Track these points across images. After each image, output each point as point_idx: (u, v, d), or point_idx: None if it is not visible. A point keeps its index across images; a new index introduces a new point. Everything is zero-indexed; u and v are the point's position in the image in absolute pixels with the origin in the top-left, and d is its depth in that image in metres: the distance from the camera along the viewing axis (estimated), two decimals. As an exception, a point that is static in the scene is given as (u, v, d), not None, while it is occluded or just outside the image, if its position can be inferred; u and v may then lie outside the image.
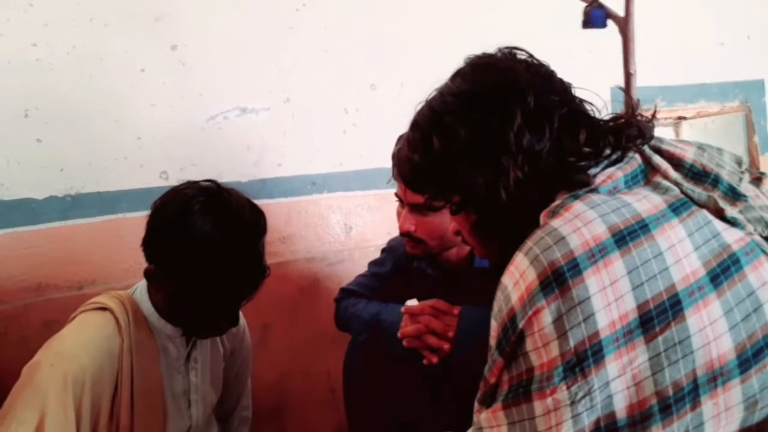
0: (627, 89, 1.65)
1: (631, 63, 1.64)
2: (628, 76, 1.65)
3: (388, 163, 1.50)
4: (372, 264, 1.60)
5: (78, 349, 1.08)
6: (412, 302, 1.30)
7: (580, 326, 0.66)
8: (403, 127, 1.51)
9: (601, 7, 1.59)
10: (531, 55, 0.88)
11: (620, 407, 0.67)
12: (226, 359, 1.38)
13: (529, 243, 0.72)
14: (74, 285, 1.64)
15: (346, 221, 1.96)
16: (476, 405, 0.77)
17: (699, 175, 0.79)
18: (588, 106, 0.86)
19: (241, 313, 1.37)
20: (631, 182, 0.78)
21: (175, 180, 1.74)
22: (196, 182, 1.18)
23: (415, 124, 0.90)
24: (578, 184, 0.77)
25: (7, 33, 1.58)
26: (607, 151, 0.80)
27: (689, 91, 2.44)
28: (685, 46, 2.36)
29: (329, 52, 1.91)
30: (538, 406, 0.67)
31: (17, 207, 1.59)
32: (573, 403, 0.66)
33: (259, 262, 1.14)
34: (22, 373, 1.08)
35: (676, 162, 0.80)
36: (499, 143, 0.79)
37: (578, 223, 0.70)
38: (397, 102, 1.96)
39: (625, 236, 0.69)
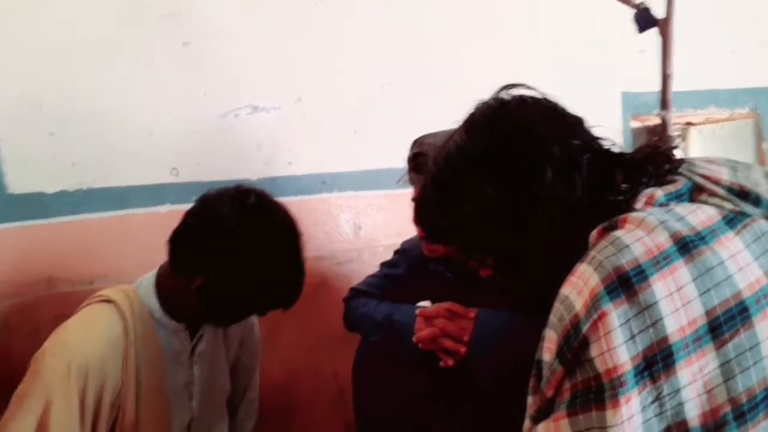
0: (664, 90, 1.67)
1: (668, 64, 1.65)
2: (666, 77, 1.66)
3: (399, 163, 1.50)
4: (384, 265, 1.60)
5: (82, 339, 1.11)
6: (425, 304, 1.30)
7: (647, 331, 0.65)
8: (413, 127, 1.53)
9: (648, 9, 1.63)
10: (542, 94, 0.86)
11: (692, 416, 0.67)
12: (233, 350, 1.39)
13: (592, 253, 0.71)
14: (85, 279, 1.64)
15: (356, 221, 1.96)
16: (527, 423, 0.74)
17: (739, 196, 0.78)
18: (605, 142, 0.85)
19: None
20: (674, 200, 0.77)
21: (185, 177, 1.75)
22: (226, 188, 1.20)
23: (437, 182, 0.87)
24: (622, 212, 0.76)
25: (24, 26, 1.58)
26: (645, 180, 0.80)
27: (699, 97, 2.43)
28: (697, 52, 2.35)
29: (340, 52, 1.91)
30: (612, 415, 0.65)
31: (28, 201, 1.59)
32: (643, 408, 0.66)
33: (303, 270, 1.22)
34: (30, 363, 1.10)
35: (713, 184, 0.79)
36: (533, 199, 0.79)
37: (640, 232, 0.70)
38: (408, 102, 1.97)
39: (688, 244, 0.69)
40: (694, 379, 0.66)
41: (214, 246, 1.12)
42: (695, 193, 0.79)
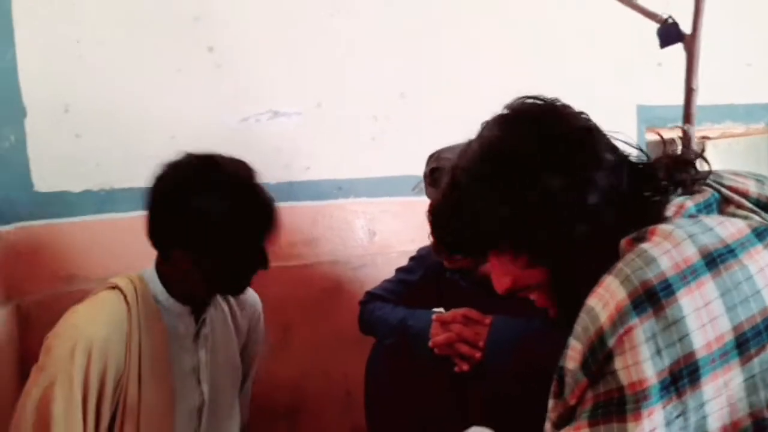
0: (688, 104, 1.65)
1: (693, 79, 1.64)
2: (690, 91, 1.65)
3: (414, 171, 1.53)
4: (400, 270, 1.62)
5: (87, 321, 1.16)
6: (439, 311, 1.32)
7: (675, 345, 0.65)
8: (430, 136, 1.55)
9: (676, 24, 1.60)
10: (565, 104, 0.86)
11: (714, 428, 0.67)
12: (243, 336, 1.43)
13: (619, 265, 0.71)
14: (103, 277, 1.65)
15: (370, 227, 1.98)
16: (549, 427, 0.75)
17: (765, 209, 0.78)
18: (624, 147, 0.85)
19: (256, 295, 1.45)
20: (704, 211, 0.77)
21: (205, 179, 1.78)
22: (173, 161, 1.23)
23: (476, 178, 0.80)
24: (654, 218, 0.76)
25: (53, 28, 1.62)
26: (672, 186, 0.79)
27: (715, 111, 2.43)
28: (714, 67, 2.36)
29: (361, 60, 1.94)
30: (633, 428, 0.66)
31: (54, 199, 1.63)
32: (668, 423, 0.66)
33: (267, 195, 1.21)
34: (44, 342, 1.17)
35: (741, 196, 0.79)
36: (592, 191, 0.77)
37: (668, 245, 0.70)
38: (426, 111, 1.99)
39: (715, 258, 0.68)
40: (718, 393, 0.66)
41: (179, 223, 1.16)
42: (723, 205, 0.78)
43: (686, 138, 1.66)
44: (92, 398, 1.13)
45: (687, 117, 1.66)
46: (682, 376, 0.65)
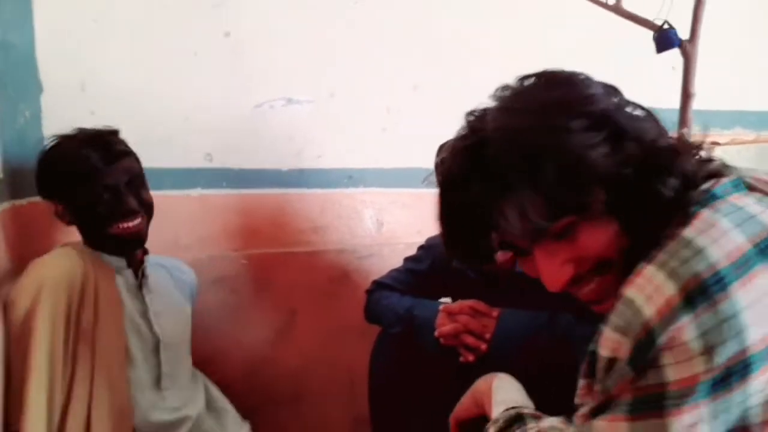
0: (684, 110, 1.66)
1: (691, 84, 1.65)
2: (687, 96, 1.66)
3: (424, 164, 1.53)
4: (408, 260, 1.63)
5: (45, 268, 1.32)
6: (446, 301, 1.33)
7: (728, 342, 0.62)
8: (440, 128, 1.54)
9: (669, 30, 1.61)
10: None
11: (755, 422, 0.66)
12: (185, 297, 1.59)
13: (661, 255, 0.67)
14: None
15: (378, 217, 1.99)
16: (587, 412, 0.72)
17: None
18: None
19: (192, 271, 1.65)
20: (735, 190, 0.73)
21: (218, 163, 1.80)
22: None
23: (560, 125, 0.72)
24: (708, 175, 0.74)
25: (72, 6, 1.63)
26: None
27: (726, 117, 2.43)
28: (726, 72, 2.36)
29: (375, 52, 1.95)
30: (674, 423, 0.64)
31: (66, 176, 1.64)
32: (715, 417, 0.64)
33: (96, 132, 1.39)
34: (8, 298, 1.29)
35: (762, 185, 0.76)
36: (669, 140, 0.76)
37: (715, 233, 0.66)
38: (438, 105, 1.99)
39: (764, 248, 0.65)
40: (764, 388, 0.64)
41: (40, 180, 1.40)
42: (749, 191, 0.74)
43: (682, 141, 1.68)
44: (60, 331, 1.26)
45: (683, 121, 1.67)
46: (734, 373, 0.63)
